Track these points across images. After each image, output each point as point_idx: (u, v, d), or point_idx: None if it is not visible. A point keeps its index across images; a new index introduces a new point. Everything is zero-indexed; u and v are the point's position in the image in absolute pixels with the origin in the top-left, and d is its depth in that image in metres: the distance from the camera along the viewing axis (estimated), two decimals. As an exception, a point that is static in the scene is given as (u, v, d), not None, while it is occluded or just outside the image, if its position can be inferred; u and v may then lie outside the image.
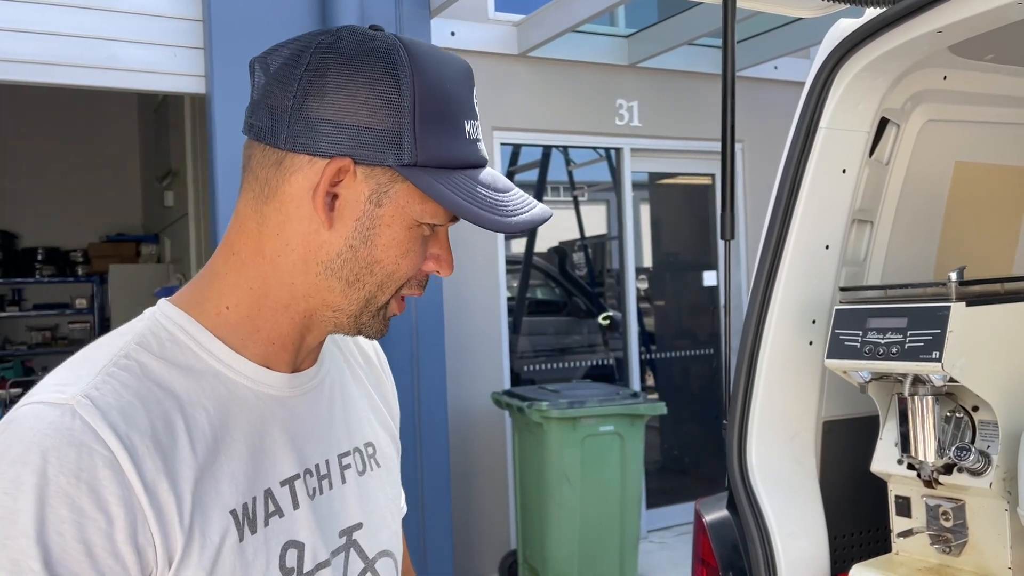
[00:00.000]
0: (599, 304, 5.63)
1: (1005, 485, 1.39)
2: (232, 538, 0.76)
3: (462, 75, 0.82)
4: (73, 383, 0.73)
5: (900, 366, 1.40)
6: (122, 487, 0.70)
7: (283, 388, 0.85)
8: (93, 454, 0.69)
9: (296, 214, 0.79)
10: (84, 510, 0.68)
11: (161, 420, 0.75)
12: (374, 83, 0.75)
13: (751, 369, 1.65)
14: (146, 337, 0.79)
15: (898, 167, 1.81)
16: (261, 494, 0.80)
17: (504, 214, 0.79)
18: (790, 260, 1.64)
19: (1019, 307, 1.45)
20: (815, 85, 1.62)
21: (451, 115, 0.79)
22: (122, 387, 0.74)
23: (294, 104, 0.76)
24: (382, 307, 0.83)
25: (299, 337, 0.85)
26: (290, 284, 0.81)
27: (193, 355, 0.80)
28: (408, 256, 0.81)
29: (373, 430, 0.97)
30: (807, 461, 1.70)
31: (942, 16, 1.44)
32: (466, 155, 0.80)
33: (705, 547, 1.65)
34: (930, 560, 1.49)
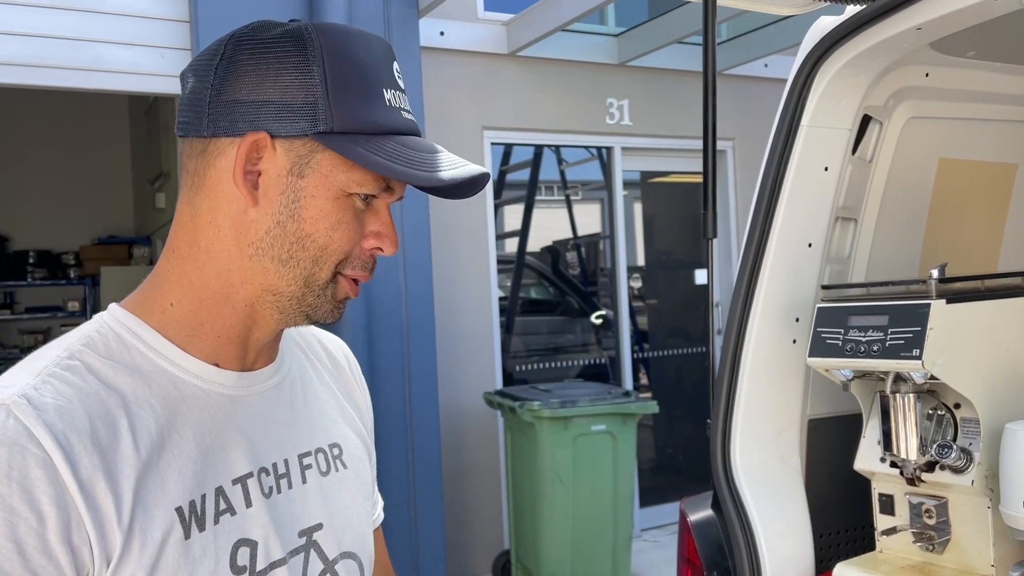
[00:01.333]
0: (592, 303, 5.63)
1: (987, 483, 1.39)
2: (177, 535, 0.75)
3: (378, 47, 0.83)
4: (12, 384, 0.74)
5: (881, 364, 1.39)
6: (55, 486, 0.70)
7: (235, 387, 0.84)
8: (25, 453, 0.70)
9: (224, 198, 0.80)
10: (15, 509, 0.68)
11: (102, 419, 0.75)
12: (283, 60, 0.78)
13: (734, 367, 1.64)
14: (92, 338, 0.80)
15: (881, 164, 1.81)
16: (212, 492, 0.79)
17: (430, 170, 0.78)
18: (773, 258, 1.64)
19: (1000, 304, 1.45)
20: (796, 83, 1.62)
21: (366, 82, 0.79)
22: (63, 385, 0.74)
23: (211, 92, 0.79)
24: (324, 286, 0.82)
25: (245, 331, 0.84)
26: (227, 272, 0.82)
27: (140, 355, 0.80)
28: (339, 228, 0.80)
29: (340, 431, 0.96)
30: (791, 460, 1.70)
31: (922, 12, 1.43)
32: (389, 121, 0.80)
33: (690, 547, 1.65)
34: (913, 558, 1.49)
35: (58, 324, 7.86)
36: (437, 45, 4.37)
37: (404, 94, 0.83)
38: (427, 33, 4.23)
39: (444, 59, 4.41)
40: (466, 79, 4.46)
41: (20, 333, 7.53)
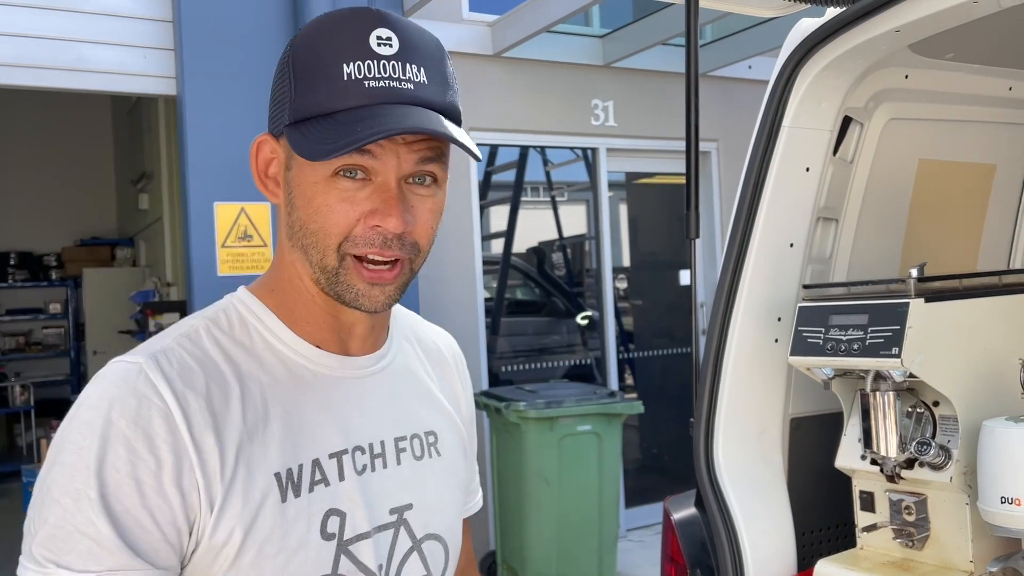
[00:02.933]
0: (578, 304, 5.64)
1: (965, 479, 1.40)
2: (274, 497, 0.82)
3: (349, 22, 0.81)
4: (150, 347, 0.84)
5: (861, 362, 1.41)
6: (172, 436, 0.79)
7: (338, 369, 0.91)
8: (151, 405, 0.79)
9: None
10: (138, 451, 0.77)
11: (218, 386, 0.83)
12: (281, 65, 0.84)
13: (717, 367, 1.65)
14: (218, 316, 0.89)
15: (862, 165, 1.83)
16: (308, 463, 0.86)
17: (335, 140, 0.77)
18: (755, 258, 1.65)
19: (977, 303, 1.46)
20: (777, 84, 1.63)
21: (322, 67, 0.80)
22: (187, 355, 0.84)
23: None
24: (336, 272, 0.84)
25: (332, 316, 0.89)
26: (291, 263, 0.88)
27: (257, 334, 0.88)
28: (326, 213, 0.81)
29: (437, 421, 1.01)
30: (774, 458, 1.71)
31: (900, 15, 1.45)
32: (344, 98, 0.79)
33: (673, 545, 1.66)
34: (893, 554, 1.50)
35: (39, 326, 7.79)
36: (422, 46, 4.36)
37: (388, 61, 0.80)
38: (412, 34, 4.23)
39: (429, 60, 4.41)
40: (451, 80, 4.46)
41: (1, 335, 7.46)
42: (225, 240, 3.55)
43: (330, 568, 0.85)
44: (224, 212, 3.56)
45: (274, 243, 3.61)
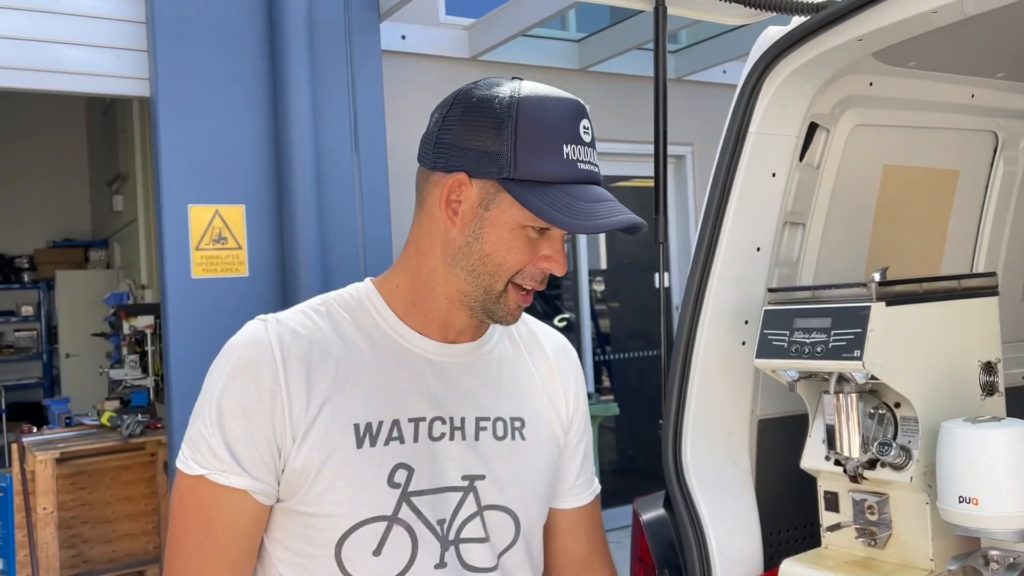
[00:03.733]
0: (555, 306, 5.66)
1: (925, 479, 1.43)
2: (350, 442, 1.01)
3: (567, 109, 1.02)
4: (280, 313, 1.08)
5: (824, 365, 1.43)
6: (274, 381, 1.01)
7: (434, 353, 1.09)
8: (262, 358, 1.02)
9: (436, 216, 1.05)
10: (247, 389, 1.01)
11: (320, 347, 1.04)
12: (487, 118, 1.00)
13: (685, 368, 1.67)
14: (343, 296, 1.11)
15: (828, 170, 1.85)
16: (388, 421, 1.04)
17: (580, 218, 0.98)
18: (722, 262, 1.67)
19: (937, 306, 1.49)
20: (744, 90, 1.66)
21: (546, 141, 0.99)
22: (305, 319, 1.06)
23: (438, 133, 1.04)
24: (499, 295, 1.04)
25: (446, 316, 1.08)
26: (434, 271, 1.07)
27: (368, 315, 1.09)
28: (512, 251, 1.02)
29: (527, 409, 1.15)
30: (741, 459, 1.73)
31: (862, 24, 1.48)
32: (564, 172, 0.99)
33: (642, 546, 1.67)
34: (857, 553, 1.53)
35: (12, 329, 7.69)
36: (399, 49, 4.37)
37: (587, 147, 1.02)
38: (388, 37, 4.23)
39: (405, 63, 4.42)
40: (428, 83, 4.47)
41: (-28, 338, 7.36)
42: (199, 242, 3.54)
43: (391, 511, 1.02)
44: (198, 214, 3.54)
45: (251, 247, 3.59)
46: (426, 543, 1.04)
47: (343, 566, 1.01)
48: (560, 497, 1.23)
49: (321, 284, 3.57)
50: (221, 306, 3.54)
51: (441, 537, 1.05)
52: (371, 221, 3.84)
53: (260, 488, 1.01)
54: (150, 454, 4.31)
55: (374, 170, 3.87)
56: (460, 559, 1.07)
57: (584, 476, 1.25)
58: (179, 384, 3.49)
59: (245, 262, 3.60)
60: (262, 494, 1.01)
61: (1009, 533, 1.28)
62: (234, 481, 1.00)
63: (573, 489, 1.24)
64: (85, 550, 4.26)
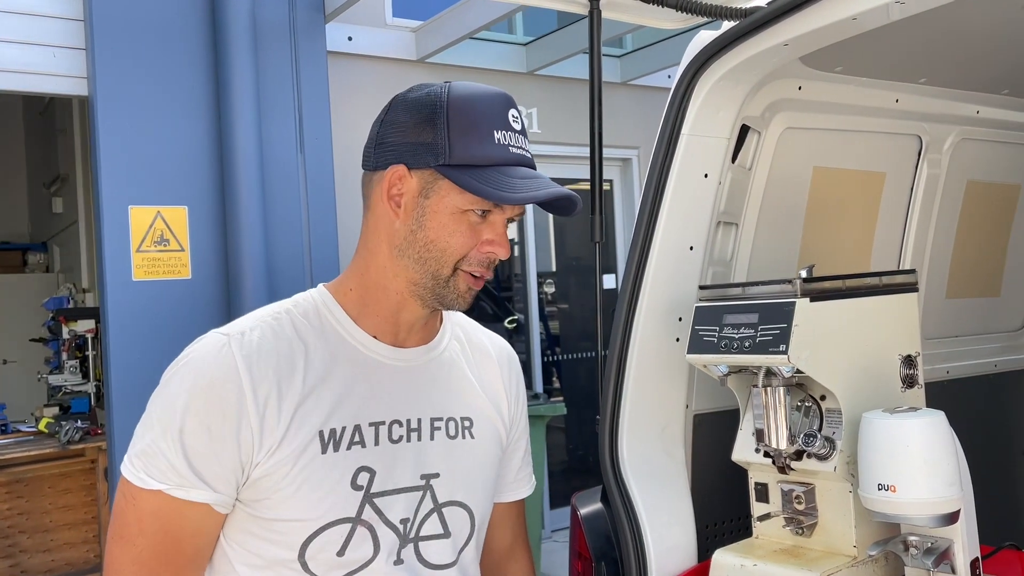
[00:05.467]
0: (506, 308, 5.68)
1: (848, 468, 1.48)
2: (315, 448, 1.04)
3: (496, 99, 1.08)
4: (239, 324, 1.09)
5: (752, 359, 1.48)
6: (240, 401, 1.02)
7: (388, 357, 1.13)
8: (226, 376, 1.03)
9: (381, 214, 1.10)
10: (211, 407, 1.02)
11: (286, 358, 1.06)
12: (419, 111, 1.07)
13: (621, 365, 1.71)
14: (299, 302, 1.13)
15: (760, 172, 1.91)
16: (351, 426, 1.07)
17: (514, 192, 1.03)
18: (656, 261, 1.71)
19: (859, 302, 1.55)
20: (676, 94, 1.70)
21: (478, 127, 1.05)
22: (268, 331, 1.08)
23: (377, 136, 1.10)
24: (447, 280, 1.08)
25: (396, 313, 1.12)
26: (383, 267, 1.11)
27: (326, 321, 1.11)
28: (455, 236, 1.06)
29: (474, 409, 1.20)
30: (676, 453, 1.77)
31: (787, 30, 1.53)
32: (496, 155, 1.05)
33: (580, 540, 1.70)
34: (785, 542, 1.58)
35: (-55, 335, 7.43)
36: (345, 50, 4.35)
37: (518, 134, 1.08)
38: (334, 38, 4.21)
39: (352, 64, 4.40)
40: (374, 84, 4.46)
41: (-97, 345, 7.09)
42: (140, 244, 3.48)
43: (354, 512, 1.06)
44: (139, 216, 3.48)
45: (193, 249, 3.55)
46: (386, 541, 1.08)
47: (307, 567, 1.05)
48: (500, 492, 1.29)
49: (266, 286, 3.54)
50: (163, 309, 3.49)
51: (402, 535, 1.09)
52: (316, 222, 3.81)
53: (220, 500, 1.03)
54: (90, 461, 4.21)
55: (320, 171, 3.84)
56: (419, 556, 1.11)
57: (524, 472, 1.33)
58: (120, 388, 3.42)
59: (188, 264, 3.55)
60: (222, 505, 1.04)
61: (925, 519, 1.34)
62: (195, 495, 1.02)
63: (513, 484, 1.31)
64: (23, 560, 4.14)
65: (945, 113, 2.15)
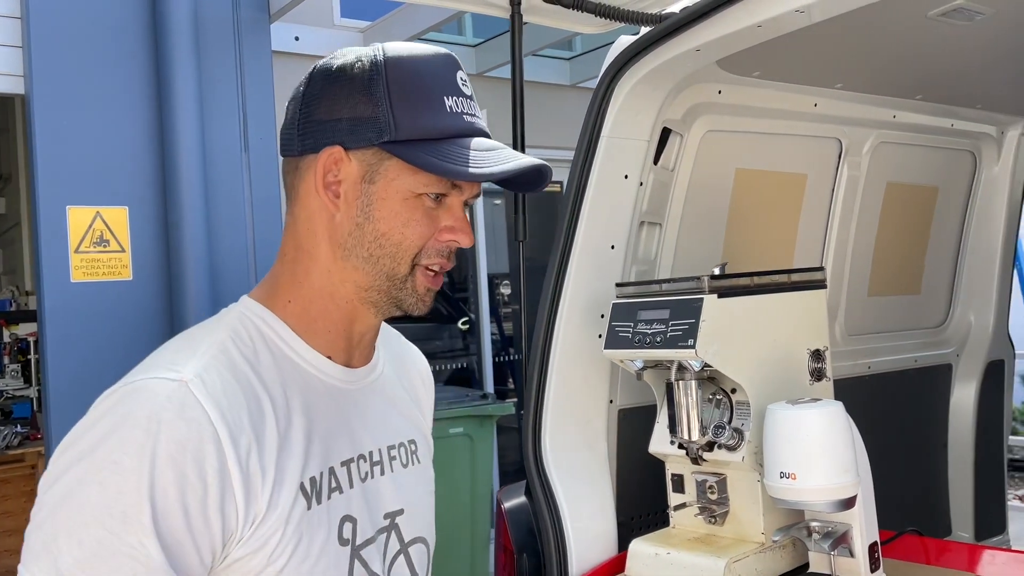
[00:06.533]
0: (460, 308, 5.70)
1: (756, 458, 1.54)
2: (301, 506, 0.87)
3: (440, 61, 0.92)
4: (184, 363, 0.84)
5: (663, 353, 1.53)
6: (220, 461, 0.81)
7: (343, 380, 0.96)
8: (201, 430, 0.80)
9: (315, 207, 0.92)
10: (188, 477, 0.79)
11: (254, 401, 0.86)
12: (353, 83, 0.89)
13: (544, 361, 1.75)
14: (238, 330, 0.91)
15: (682, 173, 1.96)
16: (327, 471, 0.91)
17: (483, 166, 0.87)
18: (578, 259, 1.76)
19: (768, 298, 1.61)
20: (596, 97, 1.74)
21: (427, 94, 0.88)
22: (225, 370, 0.86)
23: (300, 116, 0.92)
24: (404, 279, 0.92)
25: (348, 326, 0.95)
26: (328, 272, 0.93)
27: (274, 344, 0.92)
28: (410, 225, 0.90)
29: (413, 431, 1.08)
30: (599, 447, 1.82)
31: (698, 36, 1.58)
32: (450, 125, 0.89)
33: (504, 533, 1.74)
34: (699, 531, 1.63)
35: None
36: (292, 50, 4.34)
37: (469, 100, 0.92)
38: (281, 37, 4.20)
39: (299, 64, 4.37)
40: (323, 85, 4.46)
41: None
42: (79, 245, 3.43)
43: (346, 572, 0.91)
44: (77, 216, 3.44)
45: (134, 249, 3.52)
46: None
47: None
48: None
49: (209, 287, 3.51)
50: (104, 310, 3.44)
51: None
52: (261, 223, 3.80)
53: None
54: (30, 466, 4.14)
55: (264, 171, 3.83)
56: None
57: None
58: (58, 392, 3.38)
59: (129, 265, 3.51)
60: None
61: (824, 504, 1.40)
62: None
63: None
64: (-40, 568, 4.07)
65: (863, 117, 2.23)
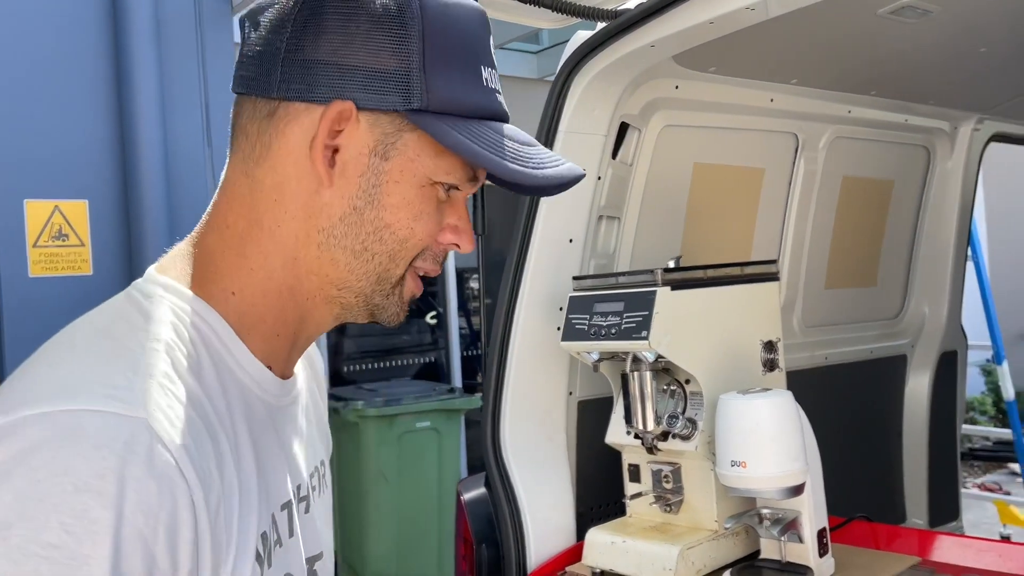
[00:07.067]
0: (428, 303, 5.70)
1: (709, 448, 1.57)
2: (255, 570, 0.67)
3: (478, 17, 0.72)
4: (127, 386, 0.59)
5: (617, 345, 1.55)
6: (194, 531, 0.59)
7: (277, 396, 0.74)
8: (175, 490, 0.58)
9: (293, 173, 0.69)
10: (156, 559, 0.57)
11: (213, 438, 0.64)
12: (377, 19, 0.67)
13: (503, 353, 1.76)
14: (180, 333, 0.67)
15: (641, 168, 1.99)
16: (271, 522, 0.70)
17: (533, 166, 0.70)
18: (536, 253, 1.77)
19: (721, 290, 1.64)
20: (553, 91, 1.76)
21: (466, 58, 0.70)
22: (182, 396, 0.63)
23: (288, 47, 0.67)
24: (396, 284, 0.73)
25: (298, 330, 0.74)
26: (294, 260, 0.71)
27: (216, 353, 0.69)
28: (421, 219, 0.71)
29: (323, 447, 0.88)
30: (558, 438, 1.84)
31: (652, 32, 1.60)
32: (486, 103, 0.71)
33: (464, 524, 1.75)
34: (655, 519, 1.66)
35: None
36: (256, 43, 4.30)
37: (495, 71, 0.73)
38: (244, 31, 4.17)
39: (264, 58, 4.35)
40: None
41: None
42: (37, 239, 3.39)
43: None
44: (35, 210, 3.39)
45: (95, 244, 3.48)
46: None
47: None
48: None
49: (171, 282, 3.48)
50: (63, 306, 3.40)
51: None
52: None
53: None
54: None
55: (228, 166, 3.80)
56: None
57: None
58: (16, 388, 3.33)
59: (89, 260, 3.47)
60: None
61: (773, 491, 1.43)
62: None
63: None
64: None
65: (819, 112, 2.27)
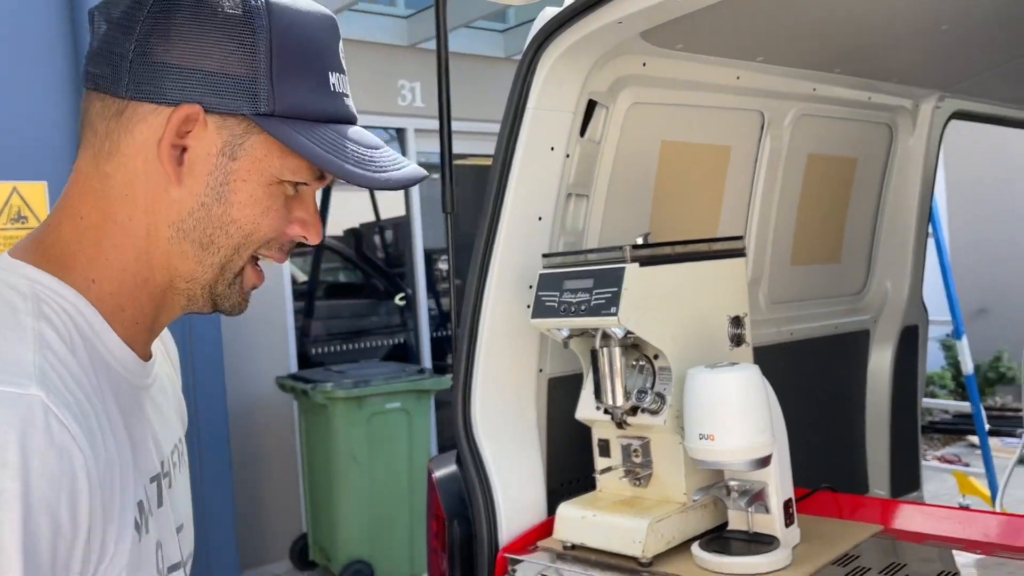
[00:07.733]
0: (396, 284, 5.68)
1: (678, 422, 1.59)
2: (135, 539, 0.73)
3: (326, 25, 0.78)
4: (15, 365, 0.65)
5: (587, 321, 1.56)
6: (91, 496, 0.66)
7: (142, 376, 0.80)
8: (73, 459, 0.64)
9: (142, 170, 0.74)
10: (60, 524, 0.64)
11: (92, 413, 0.69)
12: (226, 25, 0.72)
13: (473, 331, 1.76)
14: (48, 314, 0.71)
15: (609, 145, 1.99)
16: (143, 491, 0.76)
17: (374, 170, 0.76)
18: (506, 231, 1.77)
19: (689, 266, 1.65)
20: (520, 69, 1.75)
21: (314, 64, 0.76)
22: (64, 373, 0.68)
23: (136, 48, 0.72)
24: (237, 274, 0.79)
25: (155, 317, 0.80)
26: (146, 253, 0.76)
27: (87, 336, 0.73)
28: (268, 215, 0.77)
29: (180, 423, 0.94)
30: (529, 415, 1.84)
31: (619, 8, 1.60)
32: (333, 108, 0.77)
33: (435, 501, 1.76)
34: (625, 493, 1.68)
35: None
36: (218, 21, 4.23)
37: (343, 75, 0.79)
38: (205, 8, 4.09)
39: (226, 36, 4.28)
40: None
41: None
42: (-6, 222, 3.31)
43: None
44: (-8, 192, 3.31)
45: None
46: None
47: None
48: None
49: (135, 264, 3.43)
50: (23, 290, 3.34)
51: None
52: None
53: None
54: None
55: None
56: None
57: None
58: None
59: (49, 243, 3.40)
60: None
61: (741, 464, 1.45)
62: None
63: None
64: None
65: (784, 90, 2.29)
